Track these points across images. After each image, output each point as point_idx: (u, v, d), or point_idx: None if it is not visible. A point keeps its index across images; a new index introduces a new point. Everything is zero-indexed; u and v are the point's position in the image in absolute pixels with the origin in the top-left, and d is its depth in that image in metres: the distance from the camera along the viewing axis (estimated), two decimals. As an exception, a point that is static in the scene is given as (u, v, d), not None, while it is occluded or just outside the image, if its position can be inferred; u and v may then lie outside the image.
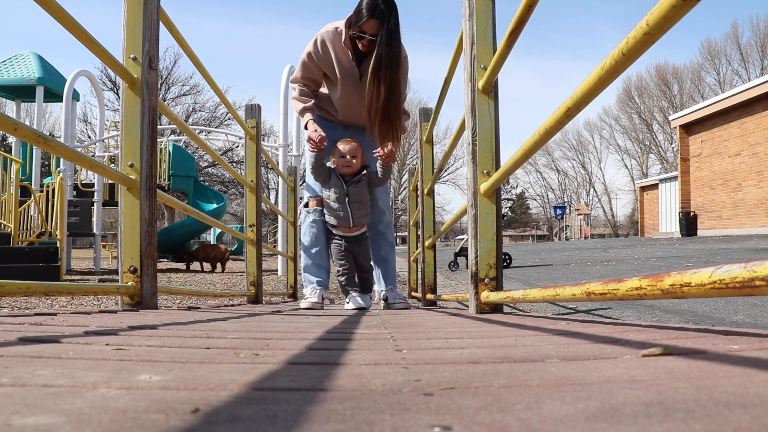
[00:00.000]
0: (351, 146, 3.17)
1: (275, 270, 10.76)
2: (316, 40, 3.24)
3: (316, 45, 3.24)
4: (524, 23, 1.71)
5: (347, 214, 3.20)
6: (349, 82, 3.30)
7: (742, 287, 0.72)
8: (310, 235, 3.39)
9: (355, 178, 3.20)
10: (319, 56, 3.24)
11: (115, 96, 27.73)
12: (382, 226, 3.55)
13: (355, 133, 3.47)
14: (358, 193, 3.20)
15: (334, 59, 3.24)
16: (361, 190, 3.22)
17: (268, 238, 24.68)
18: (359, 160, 3.20)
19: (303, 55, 3.30)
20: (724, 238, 13.25)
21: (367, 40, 3.10)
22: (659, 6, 0.86)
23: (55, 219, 8.07)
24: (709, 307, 3.68)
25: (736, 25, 60.74)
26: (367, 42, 3.11)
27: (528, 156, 1.65)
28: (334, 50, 3.22)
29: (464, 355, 0.89)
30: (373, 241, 3.56)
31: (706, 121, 16.84)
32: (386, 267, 3.58)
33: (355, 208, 3.21)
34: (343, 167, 3.18)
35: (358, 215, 3.23)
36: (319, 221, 3.35)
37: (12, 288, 1.54)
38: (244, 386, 0.62)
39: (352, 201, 3.20)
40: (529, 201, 60.32)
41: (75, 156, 1.84)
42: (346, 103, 3.38)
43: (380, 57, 3.08)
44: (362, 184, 3.21)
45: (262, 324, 1.67)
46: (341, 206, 3.20)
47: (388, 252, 3.60)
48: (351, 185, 3.19)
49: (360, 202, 3.22)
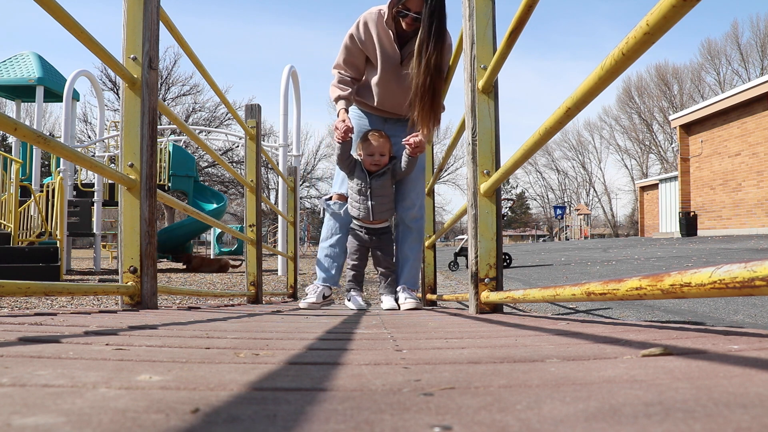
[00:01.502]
0: (379, 143, 3.10)
1: (275, 270, 10.76)
2: (359, 22, 3.18)
3: (358, 26, 3.17)
4: (524, 23, 1.71)
5: (368, 208, 3.14)
6: (389, 65, 3.22)
7: (742, 287, 0.72)
8: (327, 229, 3.33)
9: (379, 171, 3.14)
10: (361, 38, 3.17)
11: (115, 96, 27.74)
12: (409, 220, 3.39)
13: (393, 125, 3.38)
14: (382, 186, 3.13)
15: (376, 41, 3.16)
16: (385, 183, 3.14)
17: (268, 238, 24.67)
18: (387, 157, 3.13)
19: (345, 37, 3.23)
20: (724, 238, 13.25)
21: (411, 18, 3.01)
22: (659, 6, 0.86)
23: (55, 219, 8.07)
24: (709, 307, 3.68)
25: (736, 25, 60.81)
26: (410, 20, 3.03)
27: (528, 156, 1.65)
28: (377, 32, 3.14)
29: (464, 355, 0.89)
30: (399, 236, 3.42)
31: (706, 121, 16.84)
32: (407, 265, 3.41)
33: (378, 202, 3.13)
34: (371, 165, 3.12)
35: (380, 209, 3.15)
36: (338, 215, 3.30)
37: (12, 288, 1.54)
38: (244, 386, 0.62)
39: (374, 195, 3.12)
40: (529, 201, 60.33)
41: (75, 156, 1.84)
42: (385, 89, 3.28)
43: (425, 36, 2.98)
44: (386, 176, 3.14)
45: (262, 324, 1.67)
46: (363, 198, 3.14)
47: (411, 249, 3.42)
48: (375, 178, 3.12)
49: (383, 195, 3.15)
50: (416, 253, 3.47)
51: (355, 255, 3.25)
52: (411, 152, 3.06)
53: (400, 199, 3.39)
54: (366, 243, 3.24)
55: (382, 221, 3.22)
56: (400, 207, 3.38)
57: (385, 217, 3.21)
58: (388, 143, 3.13)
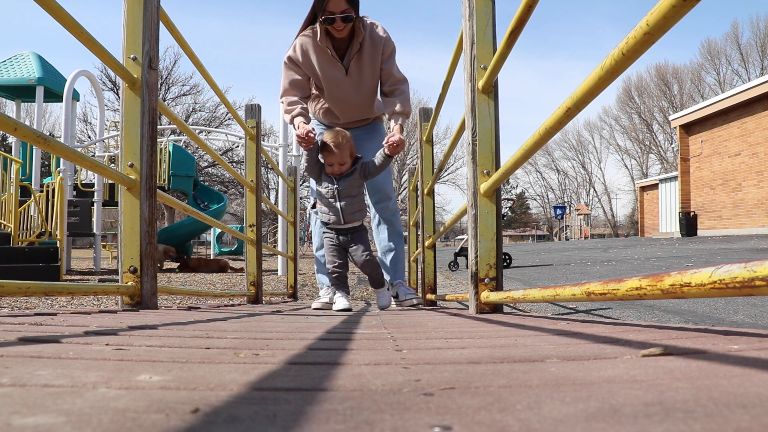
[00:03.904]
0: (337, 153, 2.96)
1: (275, 270, 10.76)
2: (295, 45, 3.21)
3: (295, 49, 3.21)
4: (524, 23, 1.71)
5: (337, 210, 3.02)
6: (337, 81, 3.25)
7: (742, 287, 0.72)
8: (319, 237, 3.33)
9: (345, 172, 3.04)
10: (299, 60, 3.20)
11: (115, 96, 27.72)
12: (387, 214, 3.37)
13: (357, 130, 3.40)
14: (349, 186, 3.02)
15: (316, 66, 3.19)
16: (352, 183, 3.03)
17: (268, 238, 24.67)
18: (348, 164, 3.01)
19: (284, 59, 3.25)
20: (724, 238, 13.25)
21: (340, 21, 3.01)
22: (659, 6, 0.86)
23: (55, 219, 8.07)
24: (709, 307, 3.68)
25: (736, 25, 60.76)
26: (340, 24, 3.03)
27: (528, 156, 1.65)
28: (315, 55, 3.18)
29: (464, 355, 0.89)
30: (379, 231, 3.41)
31: (706, 121, 16.84)
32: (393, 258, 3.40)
33: (347, 203, 3.01)
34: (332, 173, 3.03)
35: (350, 210, 3.03)
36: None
37: (12, 288, 1.54)
38: (244, 386, 0.62)
39: (342, 195, 3.01)
40: (529, 201, 60.32)
41: (75, 156, 1.84)
42: (343, 104, 3.32)
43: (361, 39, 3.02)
44: (353, 176, 3.03)
45: (262, 324, 1.67)
46: (332, 201, 3.03)
47: (396, 242, 3.41)
48: (342, 179, 3.02)
49: (351, 196, 3.03)
50: (401, 245, 3.47)
51: (331, 256, 3.13)
52: (391, 151, 2.97)
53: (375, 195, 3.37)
54: (342, 244, 3.12)
55: (353, 221, 3.09)
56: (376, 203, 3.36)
57: (356, 218, 3.08)
58: (347, 149, 2.99)
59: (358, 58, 3.22)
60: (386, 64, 3.25)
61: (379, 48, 3.21)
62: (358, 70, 3.24)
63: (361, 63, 3.23)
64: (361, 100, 3.31)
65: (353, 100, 3.30)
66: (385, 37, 3.19)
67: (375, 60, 3.23)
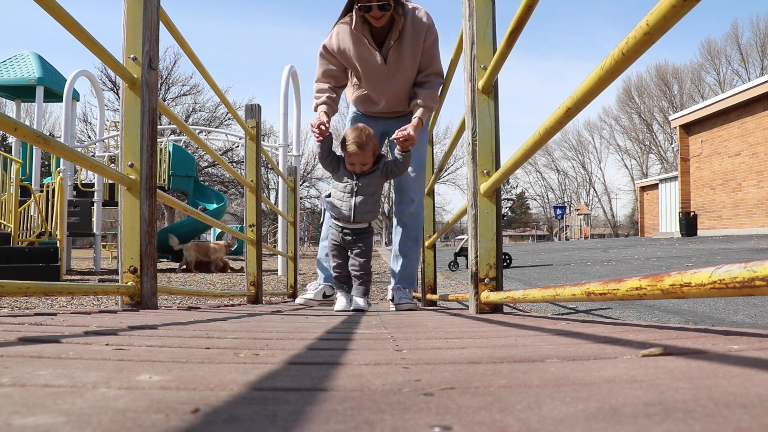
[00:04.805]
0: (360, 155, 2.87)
1: (275, 270, 10.76)
2: (332, 34, 3.13)
3: (331, 38, 3.13)
4: (524, 23, 1.71)
5: (350, 206, 2.92)
6: (374, 70, 3.14)
7: (742, 287, 0.72)
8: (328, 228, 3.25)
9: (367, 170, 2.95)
10: (335, 49, 3.11)
11: (115, 96, 27.71)
12: (406, 217, 3.26)
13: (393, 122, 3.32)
14: (368, 185, 2.93)
15: (351, 50, 3.09)
16: (372, 182, 2.94)
17: (268, 238, 24.67)
18: (369, 164, 2.92)
19: (320, 48, 3.18)
20: (724, 238, 13.25)
21: (376, 9, 2.90)
22: (659, 6, 0.86)
23: (55, 219, 8.07)
24: (709, 307, 3.68)
25: (736, 25, 60.80)
26: (377, 12, 2.91)
27: (528, 156, 1.65)
28: (351, 43, 3.08)
29: (464, 355, 0.89)
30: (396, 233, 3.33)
31: (706, 121, 16.84)
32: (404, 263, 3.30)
33: (362, 200, 2.92)
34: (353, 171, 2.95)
35: (363, 209, 2.93)
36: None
37: (12, 288, 1.54)
38: (244, 386, 0.62)
39: (359, 192, 2.91)
40: (529, 201, 60.32)
41: (75, 156, 1.84)
42: (379, 92, 3.22)
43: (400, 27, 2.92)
44: (374, 175, 2.93)
45: (262, 324, 1.67)
46: (348, 196, 2.94)
47: (409, 247, 3.30)
48: (362, 176, 2.93)
49: (368, 194, 2.94)
50: (414, 252, 3.36)
51: (333, 253, 3.08)
52: (402, 147, 2.89)
53: (399, 195, 3.28)
54: (345, 244, 3.05)
55: (362, 222, 3.01)
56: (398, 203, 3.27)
57: (367, 218, 3.00)
58: (370, 149, 2.90)
59: (398, 47, 3.08)
60: (427, 53, 3.12)
61: (420, 36, 3.06)
62: (397, 59, 3.11)
63: (401, 51, 3.09)
64: (398, 90, 3.19)
65: (391, 89, 3.18)
66: (427, 24, 3.05)
67: (416, 48, 3.09)
